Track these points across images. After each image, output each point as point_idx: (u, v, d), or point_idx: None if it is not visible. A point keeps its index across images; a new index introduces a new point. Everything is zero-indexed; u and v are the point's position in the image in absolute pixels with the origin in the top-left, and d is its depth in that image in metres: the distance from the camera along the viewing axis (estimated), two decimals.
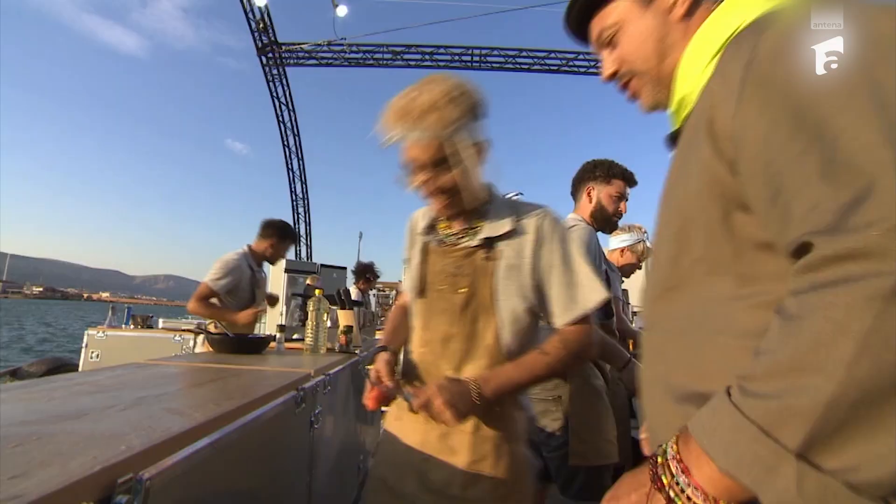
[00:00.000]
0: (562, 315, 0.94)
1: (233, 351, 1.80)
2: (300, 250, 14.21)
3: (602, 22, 0.64)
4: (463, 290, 0.96)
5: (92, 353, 3.68)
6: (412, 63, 11.08)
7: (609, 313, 1.62)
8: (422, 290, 1.04)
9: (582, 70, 11.38)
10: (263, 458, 1.04)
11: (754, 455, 0.35)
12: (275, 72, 11.37)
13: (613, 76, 0.66)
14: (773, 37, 0.42)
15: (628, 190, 1.71)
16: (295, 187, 14.08)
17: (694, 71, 0.53)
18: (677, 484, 0.41)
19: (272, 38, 10.50)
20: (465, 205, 0.96)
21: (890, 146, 0.33)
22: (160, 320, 4.48)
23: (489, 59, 11.09)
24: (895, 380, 0.30)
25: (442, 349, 0.98)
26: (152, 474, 0.58)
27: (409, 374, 1.04)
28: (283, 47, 10.75)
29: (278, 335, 2.05)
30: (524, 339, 0.97)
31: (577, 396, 1.48)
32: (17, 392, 0.87)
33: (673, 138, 0.60)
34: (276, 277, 4.13)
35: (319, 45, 10.69)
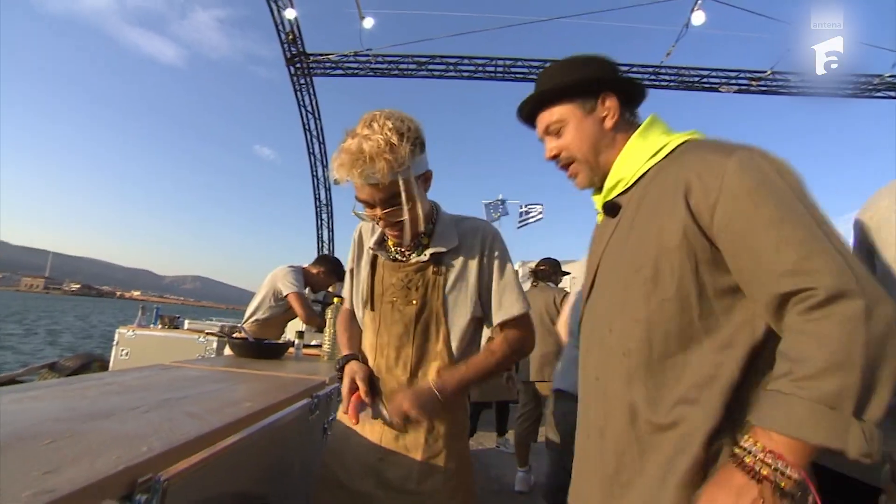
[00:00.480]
0: (496, 317, 1.08)
1: (252, 355, 1.87)
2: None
3: (549, 118, 0.84)
4: (415, 303, 1.05)
5: (122, 350, 3.82)
6: (436, 73, 11.19)
7: None
8: (372, 302, 1.10)
9: None
10: (276, 462, 1.08)
11: (832, 426, 0.52)
12: (302, 81, 11.69)
13: (555, 157, 0.85)
14: (738, 161, 0.64)
15: None
16: (319, 194, 14.36)
17: (630, 167, 0.78)
18: (778, 470, 0.54)
19: (301, 49, 10.81)
20: (416, 232, 1.04)
21: (822, 235, 0.58)
22: (186, 321, 4.62)
23: (513, 69, 11.08)
24: (884, 359, 0.53)
25: (396, 356, 1.06)
26: (170, 475, 0.62)
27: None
28: (311, 58, 11.04)
29: (297, 341, 2.11)
30: (470, 341, 1.09)
31: None
32: (55, 389, 0.94)
33: (608, 206, 0.82)
34: None
35: (346, 55, 10.93)
